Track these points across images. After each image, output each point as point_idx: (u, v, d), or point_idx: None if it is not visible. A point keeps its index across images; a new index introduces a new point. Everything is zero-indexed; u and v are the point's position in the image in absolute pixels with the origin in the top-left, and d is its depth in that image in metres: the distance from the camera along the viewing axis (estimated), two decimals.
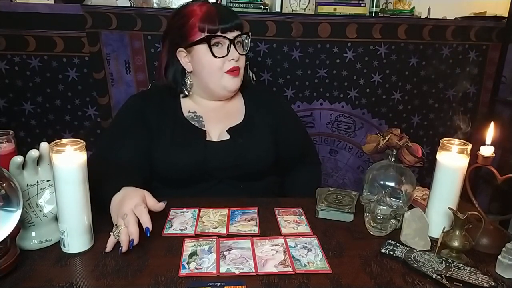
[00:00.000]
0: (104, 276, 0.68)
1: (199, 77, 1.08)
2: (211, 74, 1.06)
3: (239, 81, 1.09)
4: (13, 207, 0.67)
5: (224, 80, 1.06)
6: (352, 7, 1.89)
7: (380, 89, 1.93)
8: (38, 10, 1.63)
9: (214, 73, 1.05)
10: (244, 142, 1.08)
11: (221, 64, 1.04)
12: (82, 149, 0.72)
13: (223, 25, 1.02)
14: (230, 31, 1.03)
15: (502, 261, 0.71)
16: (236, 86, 1.09)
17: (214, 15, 1.02)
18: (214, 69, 1.05)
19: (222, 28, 1.02)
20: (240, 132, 1.09)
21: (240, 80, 1.09)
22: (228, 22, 1.03)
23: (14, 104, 1.74)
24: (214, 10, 1.03)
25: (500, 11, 1.97)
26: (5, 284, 0.65)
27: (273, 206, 0.96)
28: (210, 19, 1.02)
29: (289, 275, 0.69)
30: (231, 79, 1.06)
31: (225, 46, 1.04)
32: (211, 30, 1.02)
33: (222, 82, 1.06)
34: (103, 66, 1.73)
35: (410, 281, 0.69)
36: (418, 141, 1.61)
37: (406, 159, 0.89)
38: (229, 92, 1.09)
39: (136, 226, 0.74)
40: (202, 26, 1.02)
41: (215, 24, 1.02)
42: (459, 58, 1.93)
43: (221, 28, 1.02)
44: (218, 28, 1.02)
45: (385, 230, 0.84)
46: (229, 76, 1.06)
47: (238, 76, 1.07)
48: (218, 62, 1.04)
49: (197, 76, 1.09)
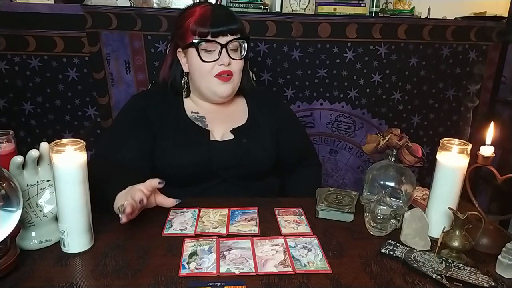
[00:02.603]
0: (104, 276, 0.68)
1: (193, 79, 1.09)
2: (201, 77, 1.05)
3: (231, 87, 1.06)
4: (13, 207, 0.67)
5: (214, 85, 1.05)
6: (352, 7, 1.89)
7: (380, 89, 1.93)
8: (38, 10, 1.62)
9: (204, 76, 1.05)
10: (248, 142, 1.08)
11: (210, 68, 1.03)
12: (82, 149, 0.72)
13: (214, 29, 1.00)
14: (222, 35, 1.01)
15: (502, 261, 0.71)
16: (228, 93, 1.06)
17: (207, 19, 1.01)
18: (204, 73, 1.04)
19: (212, 32, 1.01)
20: (244, 132, 1.09)
21: (233, 86, 1.07)
22: (219, 26, 1.01)
23: (14, 104, 1.74)
24: (209, 14, 1.02)
25: (500, 11, 1.97)
26: (5, 284, 0.65)
27: (273, 206, 0.96)
28: (202, 23, 1.01)
29: (289, 275, 0.69)
30: (221, 85, 1.05)
31: (217, 51, 1.02)
32: (201, 34, 1.01)
33: (212, 87, 1.05)
34: (103, 66, 1.73)
35: (410, 281, 0.69)
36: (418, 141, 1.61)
37: (406, 159, 0.89)
38: (220, 98, 1.07)
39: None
40: (194, 29, 1.01)
41: (206, 28, 1.00)
42: (459, 58, 1.93)
43: (211, 32, 1.01)
44: (208, 31, 1.01)
45: (385, 230, 0.84)
46: (219, 81, 1.04)
47: (229, 81, 1.05)
48: (207, 66, 1.03)
49: (191, 78, 1.09)
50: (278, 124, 1.16)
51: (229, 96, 1.09)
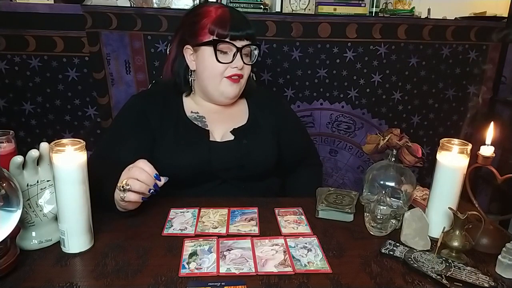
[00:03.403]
0: (104, 276, 0.68)
1: (200, 78, 1.08)
2: (212, 77, 1.05)
3: (238, 88, 1.08)
4: (13, 207, 0.67)
5: (223, 86, 1.06)
6: (352, 7, 1.89)
7: (380, 89, 1.93)
8: (38, 10, 1.62)
9: (214, 77, 1.05)
10: (248, 143, 1.08)
11: (223, 69, 1.04)
12: (82, 149, 0.72)
13: (233, 32, 1.02)
14: (240, 39, 1.03)
15: (502, 261, 0.71)
16: (235, 93, 1.08)
17: (227, 21, 1.02)
18: (215, 74, 1.05)
19: (232, 35, 1.02)
20: (244, 133, 1.09)
21: (240, 88, 1.09)
22: (239, 31, 1.02)
23: (14, 104, 1.74)
24: (228, 16, 1.03)
25: (500, 11, 1.97)
26: (5, 284, 0.65)
27: (273, 206, 0.96)
28: (222, 24, 1.01)
29: (289, 275, 0.69)
30: (230, 85, 1.06)
31: (232, 53, 1.03)
32: (221, 35, 1.02)
33: (220, 87, 1.06)
34: (103, 66, 1.73)
35: (410, 281, 0.69)
36: (418, 141, 1.61)
37: (406, 159, 0.89)
38: (226, 98, 1.08)
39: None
40: (212, 28, 1.02)
41: (226, 30, 1.01)
42: (459, 58, 1.93)
43: (230, 35, 1.02)
44: (228, 34, 1.01)
45: (385, 230, 0.84)
46: (228, 82, 1.05)
47: (238, 83, 1.07)
48: (220, 67, 1.04)
49: (198, 76, 1.09)
50: (279, 124, 1.16)
51: (235, 98, 1.10)
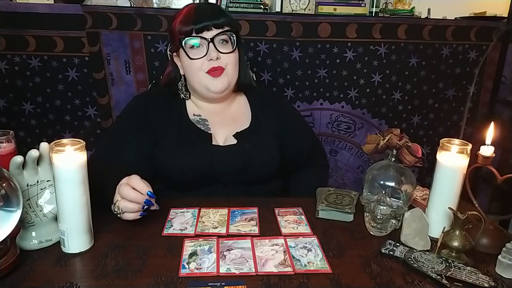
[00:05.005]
0: (104, 276, 0.68)
1: (188, 79, 1.08)
2: (192, 75, 1.04)
3: (225, 80, 1.04)
4: (13, 207, 0.67)
5: (206, 81, 1.03)
6: (352, 7, 1.89)
7: (380, 89, 1.93)
8: (38, 10, 1.63)
9: (194, 74, 1.04)
10: (251, 147, 1.06)
11: (200, 65, 1.02)
12: (82, 149, 0.72)
13: (196, 25, 1.00)
14: (207, 30, 1.00)
15: (502, 261, 0.71)
16: (221, 86, 1.04)
17: (190, 16, 1.01)
18: (193, 71, 1.03)
19: (195, 28, 1.00)
20: (247, 137, 1.07)
21: (228, 80, 1.04)
22: (202, 22, 1.00)
23: (14, 104, 1.74)
24: (192, 11, 1.02)
25: (500, 11, 1.98)
26: (5, 284, 0.65)
27: (273, 206, 0.96)
28: (185, 21, 1.01)
29: (289, 275, 0.69)
30: (212, 80, 1.03)
31: (205, 47, 1.01)
32: (185, 32, 1.01)
33: (204, 83, 1.04)
34: (103, 66, 1.73)
35: (410, 281, 0.69)
36: (418, 141, 1.61)
37: (406, 159, 0.89)
38: (213, 93, 1.05)
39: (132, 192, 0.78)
40: (178, 28, 1.02)
41: (189, 25, 1.00)
42: (459, 58, 1.93)
43: (194, 29, 1.00)
44: (191, 29, 1.00)
45: (385, 230, 0.84)
46: (210, 77, 1.03)
47: (221, 76, 1.03)
48: (196, 63, 1.02)
49: (187, 79, 1.09)
50: (283, 125, 1.14)
51: (224, 91, 1.05)
